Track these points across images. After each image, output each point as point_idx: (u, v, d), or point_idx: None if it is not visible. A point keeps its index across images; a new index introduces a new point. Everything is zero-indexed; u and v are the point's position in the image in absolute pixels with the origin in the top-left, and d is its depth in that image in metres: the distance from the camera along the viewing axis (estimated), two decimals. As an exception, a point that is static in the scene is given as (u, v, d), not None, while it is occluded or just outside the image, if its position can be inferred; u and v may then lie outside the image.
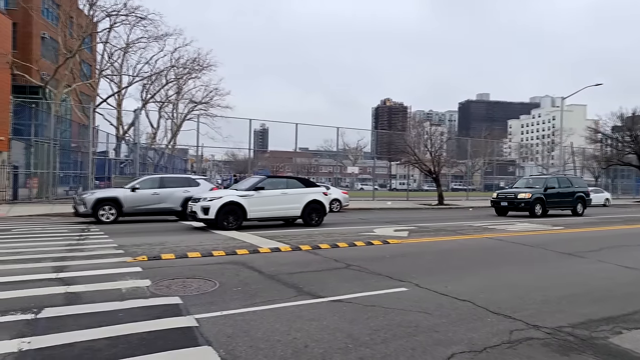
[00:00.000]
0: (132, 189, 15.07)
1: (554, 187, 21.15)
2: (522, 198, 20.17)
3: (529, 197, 20.03)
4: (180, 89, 46.57)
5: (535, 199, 20.06)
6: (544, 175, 24.25)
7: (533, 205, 19.92)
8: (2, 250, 8.56)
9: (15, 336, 4.09)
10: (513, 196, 20.67)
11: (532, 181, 22.34)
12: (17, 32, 36.58)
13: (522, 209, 20.14)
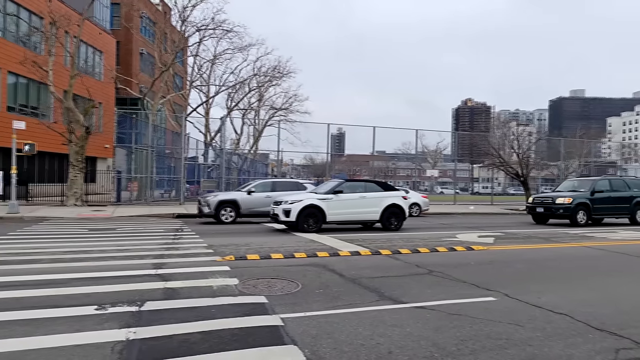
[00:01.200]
0: (248, 192, 16.25)
1: (603, 191, 17.71)
2: (560, 203, 17.09)
3: (569, 202, 16.90)
4: (261, 96, 48.52)
5: (577, 205, 16.91)
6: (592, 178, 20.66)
7: (574, 212, 16.85)
8: (110, 248, 9.51)
9: (123, 326, 4.53)
10: (550, 201, 17.56)
11: (577, 183, 19.27)
12: (120, 50, 40.56)
13: (561, 216, 17.15)
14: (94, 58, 34.69)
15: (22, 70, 24.46)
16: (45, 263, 7.70)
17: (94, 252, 8.91)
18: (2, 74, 26.26)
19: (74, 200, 21.09)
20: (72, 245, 9.76)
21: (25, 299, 5.45)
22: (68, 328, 4.43)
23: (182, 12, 32.26)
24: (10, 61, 25.54)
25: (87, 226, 13.76)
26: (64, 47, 23.97)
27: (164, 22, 35.32)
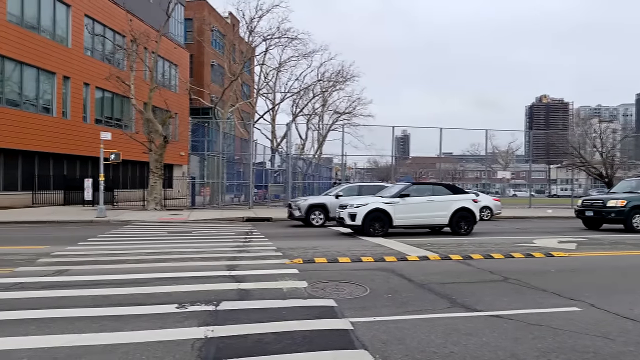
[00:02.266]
0: (335, 196, 16.63)
1: None
2: (612, 207, 15.22)
3: (622, 205, 15.01)
4: (325, 101, 49.06)
5: (632, 208, 14.97)
6: None
7: (629, 216, 14.96)
8: (188, 249, 10.07)
9: (202, 324, 4.77)
10: (601, 204, 15.70)
11: (635, 184, 16.97)
12: (193, 62, 42.90)
13: (613, 220, 15.31)
14: (170, 71, 37.04)
15: (107, 85, 26.69)
16: (130, 263, 8.31)
17: (173, 253, 9.47)
18: (91, 90, 28.84)
19: (154, 205, 22.58)
20: (154, 247, 10.45)
21: (114, 296, 5.91)
22: (152, 325, 4.74)
23: (250, 24, 33.53)
24: (97, 78, 27.99)
25: (166, 229, 14.67)
26: (143, 62, 25.83)
27: (232, 34, 36.93)
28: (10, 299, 5.73)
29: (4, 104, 22.74)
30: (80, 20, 27.42)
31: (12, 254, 9.22)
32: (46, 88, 25.58)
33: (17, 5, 23.37)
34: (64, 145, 26.23)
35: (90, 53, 28.85)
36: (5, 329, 4.55)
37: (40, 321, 4.81)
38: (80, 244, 10.73)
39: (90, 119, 28.83)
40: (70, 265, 7.97)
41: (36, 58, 24.27)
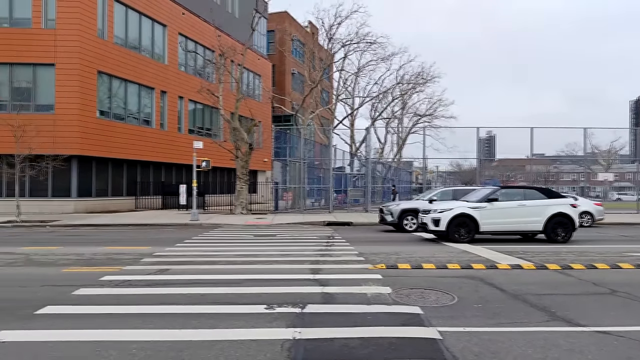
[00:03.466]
0: (429, 201, 16.08)
1: None
2: None
3: None
4: (404, 104, 48.29)
5: None
6: None
7: None
8: (273, 252, 10.45)
9: (290, 325, 4.91)
10: None
11: None
12: (275, 72, 44.58)
13: None
14: (254, 82, 38.84)
15: (199, 97, 28.63)
16: (222, 265, 8.81)
17: (260, 256, 9.87)
18: (185, 102, 31.14)
19: (241, 209, 23.73)
20: (242, 249, 10.98)
21: (209, 295, 6.30)
22: (244, 324, 4.98)
23: (329, 31, 34.10)
24: (190, 91, 30.17)
25: (253, 232, 15.34)
26: (230, 75, 27.36)
27: (312, 43, 37.77)
28: (120, 294, 6.35)
29: (112, 118, 25.36)
30: (174, 38, 29.79)
31: (120, 253, 10.22)
32: (146, 102, 28.09)
33: (122, 28, 26.00)
34: (161, 154, 28.59)
35: (183, 68, 31.20)
36: (117, 322, 5.05)
37: (146, 316, 5.27)
38: (177, 246, 11.60)
39: (184, 129, 31.13)
40: (169, 265, 8.64)
41: (138, 75, 26.76)
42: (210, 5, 32.61)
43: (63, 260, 9.26)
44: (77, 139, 22.71)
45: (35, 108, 22.70)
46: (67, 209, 22.94)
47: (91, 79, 23.58)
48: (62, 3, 22.62)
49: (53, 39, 22.54)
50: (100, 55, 24.02)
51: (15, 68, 22.73)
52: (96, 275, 7.62)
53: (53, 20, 22.71)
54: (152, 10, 27.80)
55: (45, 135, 20.51)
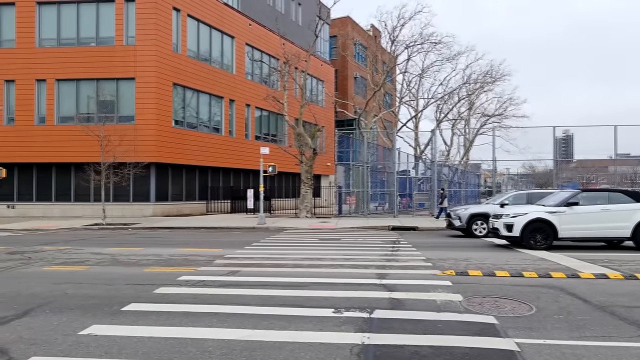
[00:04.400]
0: (501, 205, 15.31)
1: None
2: None
3: None
4: (472, 104, 46.56)
5: None
6: None
7: None
8: (338, 256, 10.49)
9: (358, 330, 4.90)
10: None
11: None
12: (337, 77, 44.88)
13: None
14: (317, 87, 39.37)
15: (264, 105, 29.56)
16: (289, 267, 8.99)
17: (325, 259, 9.96)
18: (252, 110, 32.26)
19: (305, 213, 24.09)
20: (308, 252, 11.13)
21: (277, 297, 6.45)
22: (313, 326, 5.04)
23: (392, 33, 33.74)
24: (256, 98, 31.22)
25: (317, 236, 15.51)
26: (294, 81, 27.96)
27: (374, 46, 37.61)
28: (196, 294, 6.68)
29: (185, 127, 26.86)
30: (242, 49, 31.00)
31: (194, 255, 10.77)
32: (216, 111, 29.44)
33: (194, 42, 27.49)
34: (230, 160, 29.80)
35: (250, 77, 32.35)
36: (194, 320, 5.32)
37: (220, 315, 5.50)
38: (246, 248, 12.01)
39: (251, 136, 32.24)
40: (240, 267, 8.96)
41: (209, 85, 28.15)
42: (275, 15, 33.61)
43: (144, 260, 9.93)
44: (155, 147, 24.31)
45: (118, 119, 24.61)
46: (146, 212, 24.59)
47: (167, 91, 25.16)
48: (141, 21, 24.38)
49: (133, 55, 24.35)
50: (175, 68, 25.57)
51: (100, 83, 24.82)
52: (174, 275, 8.08)
53: (133, 37, 24.54)
54: (221, 24, 29.15)
55: (127, 144, 22.16)
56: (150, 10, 24.32)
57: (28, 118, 24.88)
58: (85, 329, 4.97)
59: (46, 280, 7.72)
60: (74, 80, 24.82)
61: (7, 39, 25.25)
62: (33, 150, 24.50)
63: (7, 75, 24.72)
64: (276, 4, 37.48)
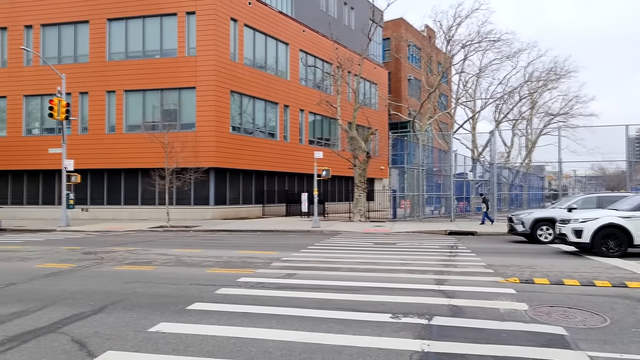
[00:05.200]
0: (568, 209, 14.51)
1: None
2: None
3: None
4: (534, 104, 44.43)
5: None
6: None
7: None
8: (394, 261, 10.36)
9: (417, 337, 4.82)
10: None
11: None
12: (391, 79, 44.45)
13: None
14: (370, 90, 39.21)
15: (317, 109, 29.86)
16: (343, 271, 9.00)
17: (380, 264, 9.87)
18: (305, 115, 32.70)
19: (359, 217, 24.01)
20: (363, 256, 11.09)
21: (335, 301, 6.48)
22: (370, 331, 5.02)
23: (447, 33, 32.95)
24: (310, 103, 31.61)
25: (372, 240, 15.40)
26: (347, 85, 28.02)
27: (429, 47, 36.92)
28: (255, 295, 6.86)
29: (242, 132, 27.70)
30: (296, 55, 31.54)
31: (252, 257, 11.06)
32: (271, 116, 30.13)
33: (250, 50, 28.34)
34: (285, 164, 30.36)
35: (304, 82, 32.83)
36: (254, 321, 5.47)
37: (279, 317, 5.61)
38: (301, 251, 12.17)
39: (304, 140, 32.67)
40: (296, 270, 9.10)
41: (264, 92, 28.88)
42: (328, 20, 33.93)
43: (205, 262, 10.33)
44: (214, 152, 25.27)
45: (180, 127, 25.83)
46: (205, 216, 25.59)
47: (225, 98, 26.10)
48: (201, 33, 25.49)
49: (194, 65, 25.50)
50: (232, 76, 26.48)
51: (164, 93, 26.20)
52: (234, 276, 8.35)
53: (194, 48, 25.71)
54: (276, 31, 29.84)
55: (188, 150, 23.21)
56: (209, 22, 25.38)
57: (99, 127, 26.75)
58: (153, 326, 5.26)
59: (118, 279, 8.25)
60: (140, 90, 26.38)
61: (81, 54, 27.32)
62: (104, 157, 26.29)
63: (82, 87, 26.71)
64: (329, 9, 37.80)
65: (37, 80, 27.27)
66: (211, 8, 25.38)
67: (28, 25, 27.75)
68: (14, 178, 28.66)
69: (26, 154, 27.30)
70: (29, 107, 28.08)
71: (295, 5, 34.01)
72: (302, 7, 34.34)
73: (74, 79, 25.43)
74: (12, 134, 28.05)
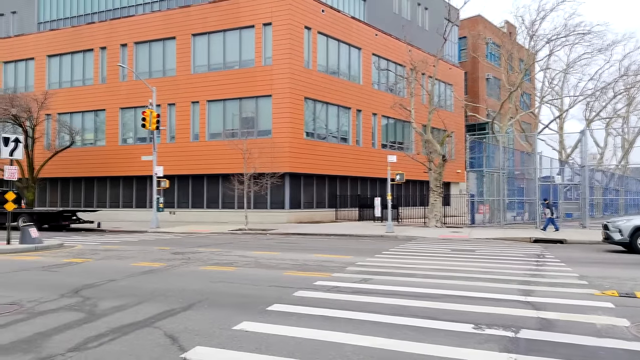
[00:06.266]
0: None
1: None
2: None
3: None
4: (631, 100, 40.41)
5: None
6: None
7: None
8: (474, 269, 9.93)
9: (503, 350, 4.58)
10: None
11: None
12: (467, 79, 42.81)
13: None
14: (445, 92, 38.05)
15: (391, 113, 29.57)
16: (419, 278, 8.79)
17: (459, 272, 9.51)
18: (378, 119, 32.52)
19: (435, 222, 23.35)
20: (439, 263, 10.77)
21: (410, 308, 6.36)
22: (449, 341, 4.86)
23: (530, 28, 31.10)
24: (382, 107, 31.40)
25: (448, 246, 14.90)
26: (422, 87, 27.44)
27: (509, 43, 35.05)
28: (332, 299, 6.94)
29: (315, 138, 28.20)
30: (368, 59, 31.52)
31: (327, 261, 11.20)
32: (343, 121, 30.34)
33: (324, 56, 28.82)
34: (357, 169, 30.39)
35: (376, 86, 32.69)
36: (331, 324, 5.54)
37: (355, 322, 5.63)
38: (376, 256, 12.09)
39: (377, 144, 32.49)
40: (371, 275, 9.06)
41: (337, 97, 29.18)
42: (401, 23, 33.55)
43: (283, 264, 10.64)
44: (289, 158, 25.98)
45: (257, 134, 26.89)
46: (281, 219, 26.35)
47: (299, 105, 26.75)
48: (277, 42, 26.40)
49: (270, 73, 26.46)
50: (306, 83, 27.09)
51: (243, 102, 27.46)
52: (310, 280, 8.51)
53: (270, 58, 26.69)
54: (349, 37, 30.06)
55: (265, 156, 24.09)
56: (285, 32, 26.21)
57: (185, 135, 28.65)
58: (237, 324, 5.52)
59: (203, 278, 8.77)
60: (221, 100, 27.88)
61: (169, 68, 29.50)
62: (189, 164, 28.10)
63: (169, 99, 28.80)
64: (402, 11, 37.34)
65: (130, 94, 29.89)
66: (287, 18, 26.20)
67: (123, 44, 30.53)
68: (112, 183, 31.57)
69: (122, 161, 29.96)
70: (124, 118, 30.83)
71: (367, 10, 34.03)
72: (374, 11, 34.27)
73: (162, 91, 27.51)
74: (110, 143, 30.94)
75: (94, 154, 31.11)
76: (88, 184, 32.28)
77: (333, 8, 29.54)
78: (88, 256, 12.37)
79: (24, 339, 5.04)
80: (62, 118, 31.69)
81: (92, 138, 31.96)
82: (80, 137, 31.24)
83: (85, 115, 31.86)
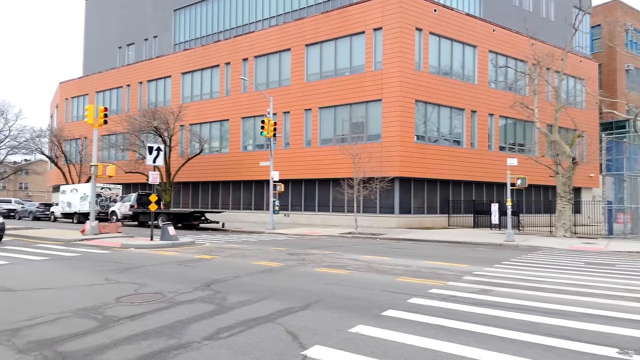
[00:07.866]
0: None
1: None
2: None
3: None
4: None
5: None
6: None
7: None
8: (613, 285, 8.77)
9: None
10: None
11: None
12: (602, 72, 38.09)
13: None
14: (574, 87, 34.33)
15: (509, 112, 27.54)
16: (548, 292, 8.01)
17: (596, 288, 8.47)
18: (495, 119, 30.50)
19: (563, 231, 21.13)
20: (571, 277, 9.70)
21: (541, 325, 5.83)
22: (590, 366, 4.35)
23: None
24: (500, 107, 29.37)
25: (581, 259, 13.36)
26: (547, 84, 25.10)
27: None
28: (448, 309, 6.67)
29: (426, 141, 27.43)
30: (484, 57, 29.78)
31: (441, 269, 10.80)
32: (456, 123, 29.04)
33: (435, 57, 27.96)
34: (471, 173, 28.82)
35: (493, 85, 30.73)
36: (449, 335, 5.32)
37: (476, 335, 5.34)
38: (495, 266, 11.33)
39: (494, 146, 30.47)
40: (491, 286, 8.51)
41: (449, 99, 28.06)
42: (522, 15, 31.17)
43: (395, 270, 10.53)
44: (398, 162, 25.66)
45: (367, 138, 27.03)
46: (390, 224, 26.10)
47: (409, 108, 26.29)
48: (387, 46, 26.31)
49: (380, 78, 26.45)
50: (416, 85, 26.54)
51: (353, 107, 27.85)
52: (424, 287, 8.28)
53: (380, 62, 26.69)
54: (462, 35, 28.76)
55: (374, 160, 24.11)
56: (395, 35, 26.01)
57: (298, 141, 29.96)
58: (353, 327, 5.59)
59: (318, 279, 9.05)
60: (332, 106, 28.61)
61: (284, 78, 31.15)
62: (301, 168, 29.31)
63: (284, 107, 30.39)
64: (523, 3, 34.67)
65: (250, 104, 32.19)
66: (397, 21, 25.99)
67: (245, 58, 33.02)
68: (234, 187, 34.26)
69: (242, 167, 32.36)
70: (244, 127, 33.29)
71: (483, 5, 32.26)
72: (491, 5, 32.33)
73: (278, 100, 29.14)
74: (233, 150, 33.63)
75: (219, 160, 34.08)
76: (214, 188, 35.44)
77: (446, 6, 28.52)
78: (216, 253, 13.58)
79: (167, 325, 5.70)
80: (193, 128, 35.31)
81: (217, 146, 35.05)
82: (208, 145, 34.47)
83: (212, 125, 35.08)
